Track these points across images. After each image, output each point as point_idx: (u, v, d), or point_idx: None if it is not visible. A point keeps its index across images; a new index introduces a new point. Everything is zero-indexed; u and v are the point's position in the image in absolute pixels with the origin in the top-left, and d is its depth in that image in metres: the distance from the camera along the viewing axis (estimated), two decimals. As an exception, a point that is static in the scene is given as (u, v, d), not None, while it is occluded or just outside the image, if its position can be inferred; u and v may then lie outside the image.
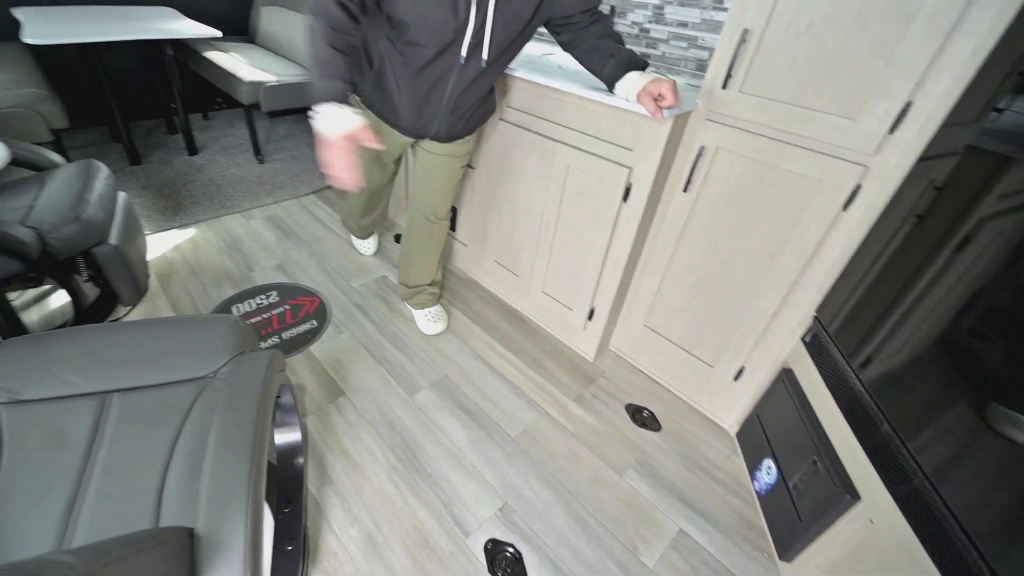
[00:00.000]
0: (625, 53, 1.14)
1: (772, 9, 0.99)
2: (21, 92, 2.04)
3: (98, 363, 0.95)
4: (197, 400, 0.94)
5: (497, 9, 1.04)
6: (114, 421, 0.89)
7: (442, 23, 1.03)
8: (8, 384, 0.90)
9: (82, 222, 1.37)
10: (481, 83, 1.20)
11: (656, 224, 1.39)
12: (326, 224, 2.21)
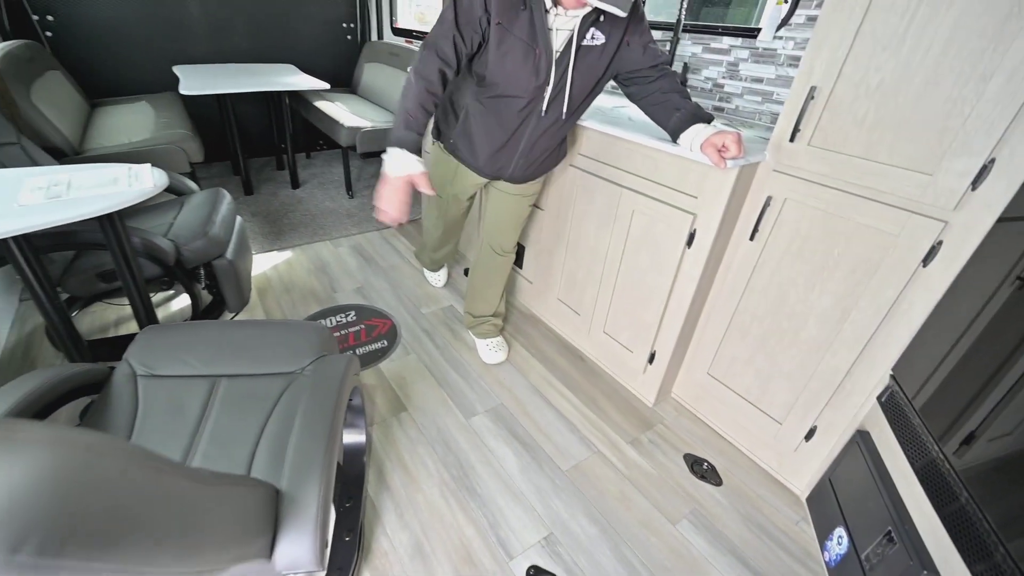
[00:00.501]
0: (691, 107, 1.23)
1: (840, 68, 1.06)
2: (173, 132, 2.52)
3: (212, 352, 1.15)
4: (285, 391, 1.09)
5: (575, 69, 1.19)
6: (220, 400, 1.06)
7: (525, 82, 1.20)
8: (147, 361, 1.11)
9: (209, 239, 1.67)
10: (555, 132, 1.34)
11: (722, 271, 1.43)
12: (402, 255, 2.44)
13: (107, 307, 1.92)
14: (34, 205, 1.12)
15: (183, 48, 3.22)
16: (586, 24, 1.15)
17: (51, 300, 1.31)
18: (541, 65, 1.17)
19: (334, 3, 3.62)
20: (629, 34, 1.22)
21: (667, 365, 1.55)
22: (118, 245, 1.34)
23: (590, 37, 1.17)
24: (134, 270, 1.40)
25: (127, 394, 1.05)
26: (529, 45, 1.15)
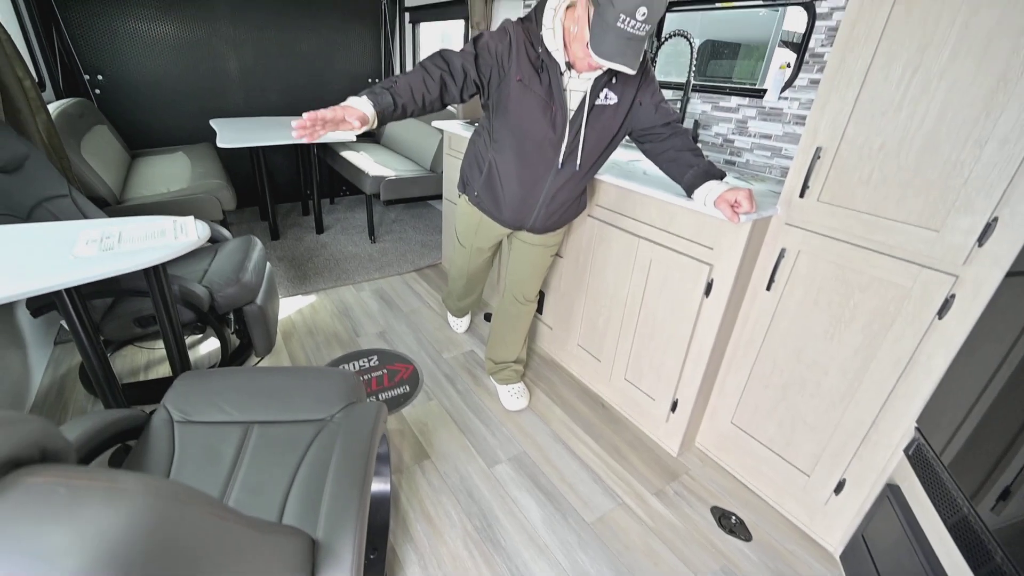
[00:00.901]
0: (703, 164, 1.31)
1: (843, 131, 1.14)
2: (208, 182, 2.70)
3: (245, 398, 1.20)
4: (316, 438, 1.14)
5: (588, 125, 1.29)
6: (253, 446, 1.11)
7: (542, 136, 1.30)
8: (183, 407, 1.17)
9: (241, 285, 1.76)
10: (574, 185, 1.43)
11: (740, 320, 1.47)
12: (423, 299, 2.53)
13: (138, 350, 2.01)
14: (89, 257, 1.22)
15: (219, 102, 3.49)
16: (599, 85, 1.25)
17: (94, 346, 1.39)
18: (557, 120, 1.27)
19: (360, 59, 3.91)
20: (641, 94, 1.32)
21: (690, 414, 1.57)
22: (160, 293, 1.43)
23: (603, 97, 1.27)
24: (173, 317, 1.49)
25: (164, 439, 1.11)
26: (547, 101, 1.25)
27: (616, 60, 1.08)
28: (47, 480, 0.40)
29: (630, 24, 1.03)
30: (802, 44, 1.57)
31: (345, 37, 3.78)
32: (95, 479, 0.42)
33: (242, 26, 3.37)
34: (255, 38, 3.44)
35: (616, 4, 1.02)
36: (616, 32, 1.04)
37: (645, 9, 1.02)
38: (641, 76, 1.29)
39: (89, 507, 0.40)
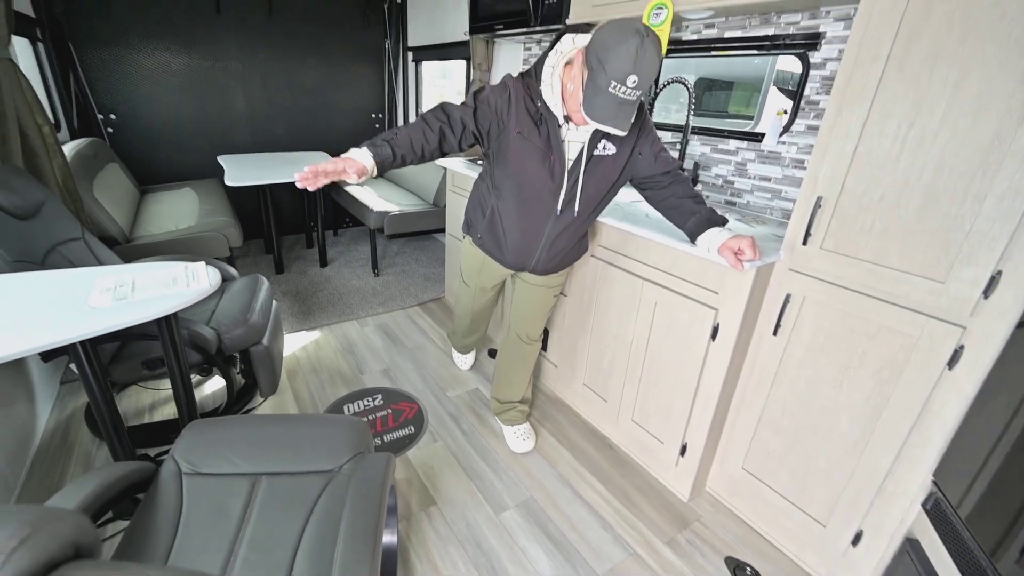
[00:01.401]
0: (706, 212, 1.34)
1: (843, 182, 1.18)
2: (216, 220, 2.76)
3: (253, 448, 1.22)
4: (324, 491, 1.15)
5: (587, 173, 1.34)
6: (260, 500, 1.12)
7: (541, 184, 1.35)
8: (191, 459, 1.18)
9: (248, 326, 1.79)
10: (573, 230, 1.47)
11: (748, 364, 1.48)
12: (427, 334, 2.55)
13: (143, 390, 2.03)
14: (104, 308, 1.25)
15: (227, 138, 3.60)
16: (597, 137, 1.31)
17: (102, 391, 1.41)
18: (555, 170, 1.33)
19: (364, 96, 4.05)
20: (640, 145, 1.37)
21: (700, 458, 1.57)
22: (170, 340, 1.46)
23: (601, 148, 1.33)
24: (182, 361, 1.51)
25: (172, 492, 1.12)
26: (545, 152, 1.31)
27: (607, 123, 1.14)
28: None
29: (621, 90, 1.09)
30: (798, 92, 1.63)
31: (349, 75, 3.92)
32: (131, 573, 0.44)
33: (250, 64, 3.51)
34: (262, 76, 3.58)
35: (607, 71, 1.08)
36: (607, 96, 1.10)
37: (635, 77, 1.07)
38: (639, 127, 1.35)
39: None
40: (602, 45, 1.08)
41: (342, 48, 3.81)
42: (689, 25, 1.90)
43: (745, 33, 1.74)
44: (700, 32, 1.87)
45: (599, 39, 1.10)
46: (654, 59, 1.08)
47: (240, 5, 3.34)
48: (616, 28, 1.08)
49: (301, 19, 3.57)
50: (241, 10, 3.35)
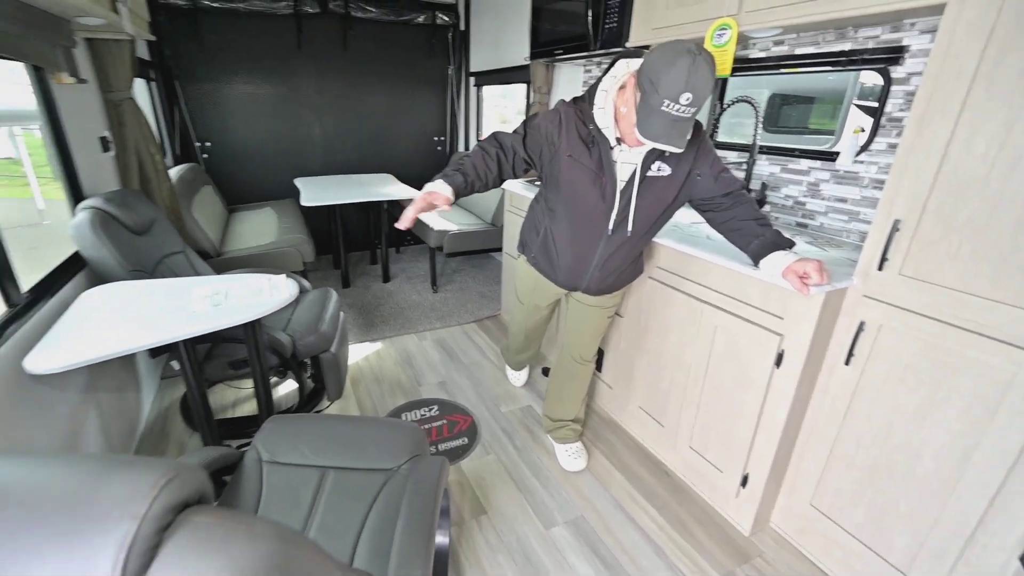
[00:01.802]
0: (770, 235, 1.32)
1: (924, 203, 1.13)
2: (292, 237, 3.03)
3: (323, 443, 1.33)
4: (384, 487, 1.23)
5: (639, 195, 1.36)
6: (328, 491, 1.22)
7: (593, 205, 1.38)
8: (270, 448, 1.31)
9: (319, 334, 1.95)
10: (627, 251, 1.49)
11: (818, 394, 1.43)
12: (483, 351, 2.63)
13: (227, 388, 2.24)
14: (203, 312, 1.43)
15: (303, 162, 3.96)
16: (651, 158, 1.32)
17: (199, 385, 1.59)
18: (607, 191, 1.36)
19: (427, 119, 4.31)
20: (698, 166, 1.37)
21: (763, 490, 1.51)
22: (254, 342, 1.63)
23: (656, 169, 1.34)
24: (263, 363, 1.68)
25: (254, 478, 1.24)
26: (596, 174, 1.35)
27: (662, 141, 1.15)
28: (208, 520, 0.51)
29: (675, 108, 1.10)
30: (878, 108, 1.59)
31: (413, 100, 4.20)
32: (240, 522, 0.53)
33: (325, 93, 3.86)
34: (335, 104, 3.92)
35: (660, 90, 1.10)
36: (661, 115, 1.12)
37: (689, 95, 1.09)
38: (697, 148, 1.35)
39: (237, 544, 0.51)
40: (653, 66, 1.11)
41: (407, 75, 4.09)
42: (757, 43, 1.89)
43: (819, 49, 1.71)
44: (769, 49, 1.86)
45: (650, 61, 1.13)
46: (707, 76, 1.09)
47: (318, 42, 3.70)
48: (667, 49, 1.11)
49: (372, 51, 3.89)
50: (319, 46, 3.71)
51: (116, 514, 0.46)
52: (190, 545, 0.48)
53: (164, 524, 0.49)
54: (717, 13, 1.66)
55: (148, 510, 0.47)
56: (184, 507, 0.52)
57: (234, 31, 3.45)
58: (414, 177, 4.19)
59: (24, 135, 3.30)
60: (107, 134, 2.16)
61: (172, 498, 0.49)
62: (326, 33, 3.70)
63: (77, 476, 0.50)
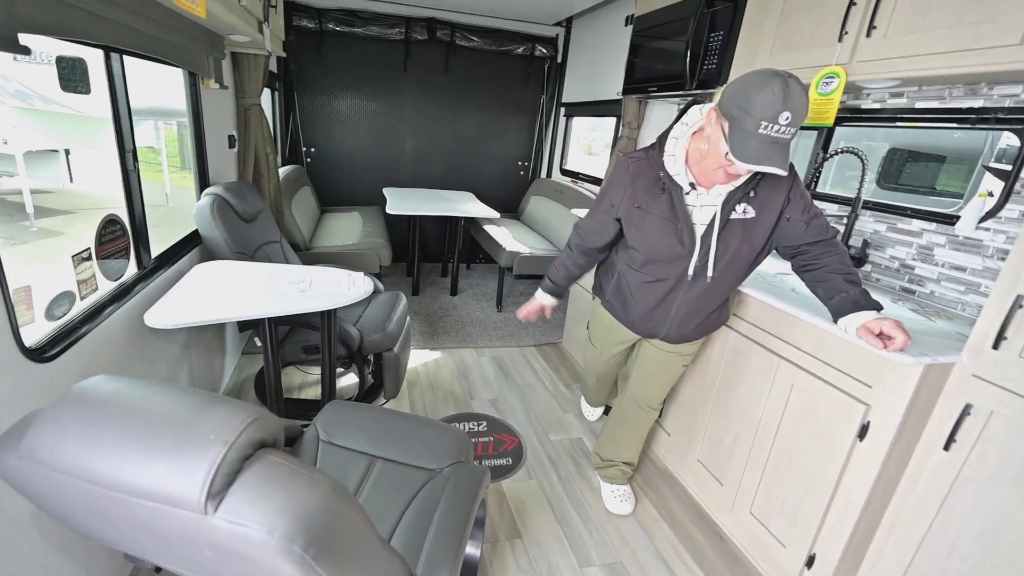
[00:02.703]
0: (856, 293, 1.25)
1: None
2: (373, 240, 3.27)
3: (375, 433, 1.42)
4: (424, 486, 1.29)
5: (720, 240, 1.32)
6: (373, 479, 1.30)
7: (669, 251, 1.35)
8: (328, 429, 1.42)
9: (385, 333, 2.09)
10: (710, 297, 1.43)
11: (908, 478, 1.31)
12: (539, 375, 2.67)
13: (296, 372, 2.45)
14: (290, 295, 1.61)
15: (393, 174, 4.28)
16: (732, 199, 1.29)
17: (275, 362, 1.77)
18: (684, 237, 1.33)
19: (514, 145, 4.53)
20: (790, 209, 1.31)
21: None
22: (328, 330, 1.79)
23: (740, 211, 1.30)
24: (333, 351, 1.84)
25: (310, 454, 1.36)
26: (670, 221, 1.33)
27: (764, 163, 1.09)
28: (279, 460, 0.60)
29: (773, 129, 1.06)
30: (1012, 172, 1.47)
31: (503, 126, 4.43)
32: (304, 468, 0.61)
33: (422, 113, 4.19)
34: (430, 122, 4.24)
35: (754, 113, 1.06)
36: (758, 138, 1.08)
37: (788, 114, 1.04)
38: (789, 189, 1.31)
39: (298, 486, 0.59)
40: (741, 93, 1.09)
41: (500, 101, 4.34)
42: (870, 93, 1.82)
43: (944, 104, 1.60)
44: (884, 101, 1.78)
45: (735, 89, 1.11)
46: (803, 97, 1.06)
47: (422, 65, 4.05)
48: (752, 75, 1.09)
49: (470, 76, 4.19)
50: (423, 69, 4.07)
51: (212, 437, 0.56)
52: (262, 477, 0.57)
53: (245, 455, 0.58)
54: (826, 61, 1.63)
55: (236, 439, 0.57)
56: (262, 446, 0.61)
57: (351, 52, 3.87)
58: (494, 197, 4.40)
59: (165, 129, 3.90)
60: (234, 133, 2.51)
61: (254, 435, 0.59)
62: (430, 57, 4.04)
63: (186, 402, 0.62)
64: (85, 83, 1.45)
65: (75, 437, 0.57)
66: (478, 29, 4.02)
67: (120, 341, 1.39)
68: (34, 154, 2.39)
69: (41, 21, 0.90)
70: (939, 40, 1.34)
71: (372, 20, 3.78)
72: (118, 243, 1.51)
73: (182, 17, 1.52)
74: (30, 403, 1.00)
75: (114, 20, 1.17)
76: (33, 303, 1.11)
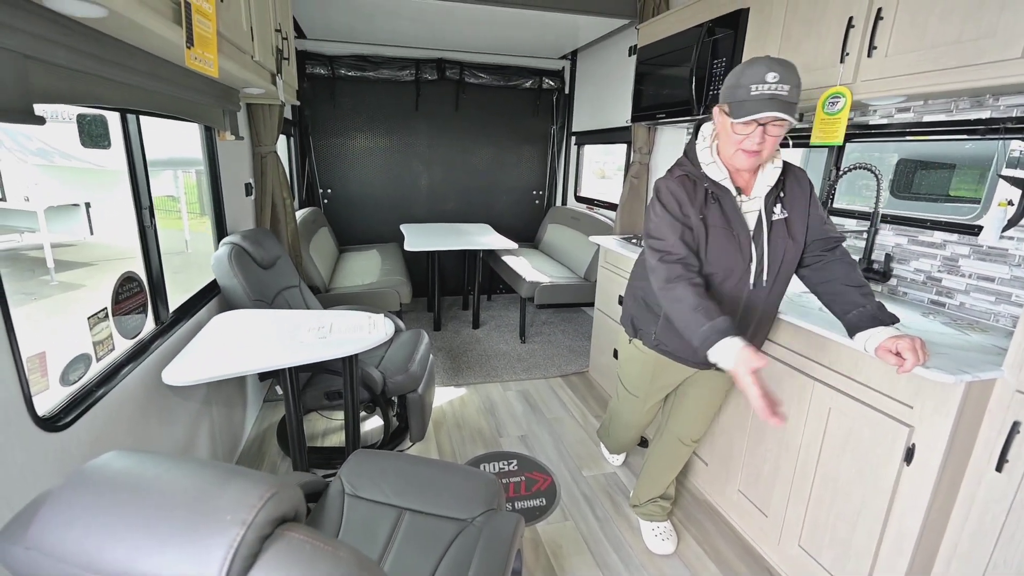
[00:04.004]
0: (872, 307, 1.21)
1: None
2: (393, 278, 3.28)
3: (402, 484, 1.37)
4: (456, 538, 1.23)
5: (770, 242, 1.31)
6: (402, 533, 1.25)
7: (733, 262, 1.30)
8: (353, 481, 1.38)
9: (408, 374, 2.06)
10: (769, 304, 1.38)
11: (963, 502, 1.22)
12: (567, 407, 2.59)
13: (319, 418, 2.42)
14: (309, 343, 1.59)
15: (409, 210, 4.35)
16: (769, 202, 1.31)
17: (297, 411, 1.74)
18: (743, 242, 1.30)
19: (527, 175, 4.58)
20: (812, 207, 1.34)
21: (891, 613, 1.28)
22: (350, 376, 1.76)
23: (779, 212, 1.32)
24: (355, 396, 1.80)
25: (336, 508, 1.31)
26: (727, 228, 1.29)
27: (761, 111, 1.12)
28: (300, 537, 0.56)
29: (764, 88, 1.12)
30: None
31: (516, 156, 4.49)
32: (327, 544, 0.57)
33: (435, 149, 4.28)
34: (443, 158, 4.32)
35: (744, 82, 1.15)
36: (753, 98, 1.14)
37: (775, 73, 1.11)
38: (809, 191, 1.35)
39: (323, 564, 0.55)
40: (733, 77, 1.20)
41: (512, 133, 4.42)
42: (877, 110, 1.80)
43: (951, 117, 1.58)
44: (892, 116, 1.75)
45: (727, 79, 1.22)
46: (790, 66, 1.14)
47: (434, 103, 4.17)
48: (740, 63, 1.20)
49: (481, 111, 4.29)
50: (434, 107, 4.18)
51: (228, 518, 0.52)
52: (283, 558, 0.53)
53: (265, 534, 0.54)
54: (829, 82, 1.62)
55: (254, 518, 0.53)
56: (282, 521, 0.57)
57: (364, 95, 4.01)
58: (511, 227, 4.43)
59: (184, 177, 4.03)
60: (251, 181, 2.56)
61: (273, 511, 0.55)
62: (441, 96, 4.15)
63: (199, 479, 0.58)
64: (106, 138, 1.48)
65: (83, 525, 0.53)
66: (486, 66, 4.14)
67: (137, 401, 1.38)
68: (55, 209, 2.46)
69: (56, 90, 0.91)
70: (940, 57, 1.33)
71: (383, 64, 3.91)
72: (135, 300, 1.51)
73: (195, 75, 1.57)
74: (42, 476, 0.99)
75: (128, 83, 1.19)
76: (48, 370, 1.11)
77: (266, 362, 1.50)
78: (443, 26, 3.35)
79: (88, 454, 1.15)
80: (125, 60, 1.12)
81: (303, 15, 3.20)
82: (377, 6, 2.96)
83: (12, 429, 0.93)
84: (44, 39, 0.83)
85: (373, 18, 3.23)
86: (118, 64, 1.09)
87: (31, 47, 0.80)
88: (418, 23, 3.30)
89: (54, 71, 0.90)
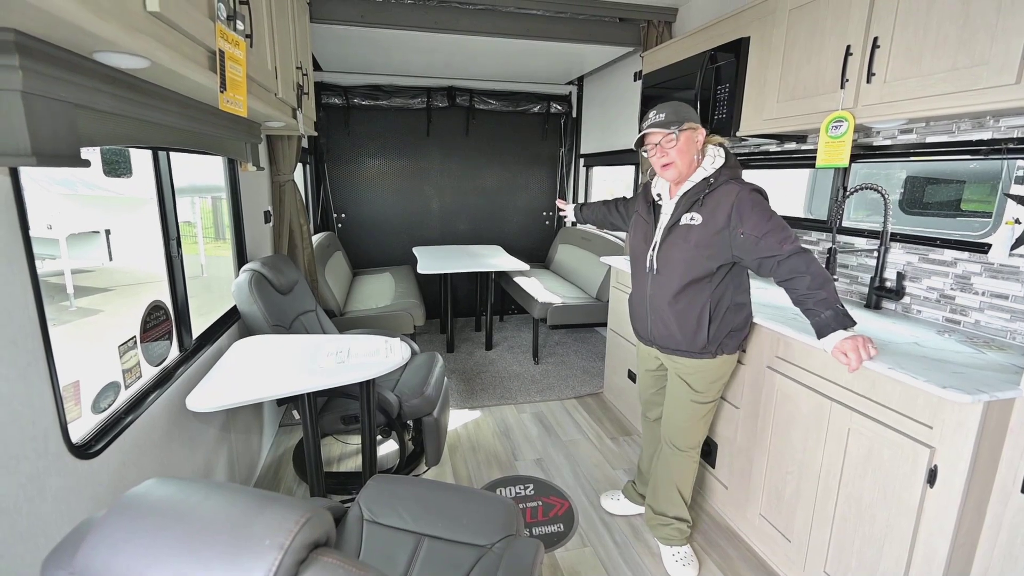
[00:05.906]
0: (828, 316, 1.32)
1: None
2: (406, 300, 3.33)
3: (421, 509, 1.38)
4: (476, 565, 1.24)
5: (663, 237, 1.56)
6: (421, 560, 1.26)
7: (639, 250, 1.64)
8: (372, 507, 1.39)
9: (424, 398, 2.08)
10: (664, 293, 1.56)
11: (990, 526, 1.20)
12: (583, 429, 2.59)
13: (334, 442, 2.44)
14: (329, 368, 1.62)
15: (421, 233, 4.43)
16: (681, 206, 1.52)
17: (315, 436, 1.77)
18: (648, 233, 1.62)
19: (536, 196, 4.67)
20: (742, 225, 1.42)
21: (922, 642, 1.25)
22: (367, 400, 1.79)
23: (688, 218, 1.51)
24: (373, 420, 1.82)
25: (355, 535, 1.33)
26: (647, 221, 1.64)
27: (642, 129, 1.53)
28: (334, 562, 0.58)
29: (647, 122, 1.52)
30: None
31: (526, 179, 4.59)
32: (359, 568, 0.59)
33: (446, 173, 4.39)
34: (454, 182, 4.43)
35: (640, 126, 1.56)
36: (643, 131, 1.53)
37: (656, 111, 1.50)
38: (733, 205, 1.43)
39: (354, 589, 0.57)
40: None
41: (521, 156, 4.52)
42: (880, 132, 1.83)
43: (954, 137, 1.61)
44: (895, 137, 1.79)
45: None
46: (673, 103, 1.49)
47: (444, 129, 4.29)
48: None
49: (491, 136, 4.40)
50: (445, 133, 4.31)
51: (268, 542, 0.55)
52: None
53: (301, 558, 0.57)
54: (831, 107, 1.66)
55: (291, 543, 0.55)
56: (315, 546, 0.59)
57: (377, 123, 4.15)
58: (521, 248, 4.51)
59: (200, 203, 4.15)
60: (269, 208, 2.64)
61: (308, 536, 0.58)
62: (451, 122, 4.28)
63: (237, 505, 0.61)
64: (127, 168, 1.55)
65: (128, 551, 0.56)
66: (495, 93, 4.26)
67: (162, 427, 1.43)
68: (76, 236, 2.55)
69: (99, 134, 0.98)
70: (938, 83, 1.36)
71: (395, 93, 4.05)
72: (162, 328, 1.57)
73: (223, 114, 1.64)
74: (74, 502, 1.03)
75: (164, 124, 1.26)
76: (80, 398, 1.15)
77: (287, 387, 1.53)
78: (454, 57, 3.48)
79: (116, 480, 1.18)
80: (161, 104, 1.19)
81: (321, 50, 3.34)
82: (394, 41, 3.08)
83: (50, 457, 0.97)
84: (92, 89, 0.89)
85: (389, 52, 3.37)
86: (155, 108, 1.16)
87: (80, 97, 0.86)
88: (431, 55, 3.43)
89: (98, 117, 0.96)
